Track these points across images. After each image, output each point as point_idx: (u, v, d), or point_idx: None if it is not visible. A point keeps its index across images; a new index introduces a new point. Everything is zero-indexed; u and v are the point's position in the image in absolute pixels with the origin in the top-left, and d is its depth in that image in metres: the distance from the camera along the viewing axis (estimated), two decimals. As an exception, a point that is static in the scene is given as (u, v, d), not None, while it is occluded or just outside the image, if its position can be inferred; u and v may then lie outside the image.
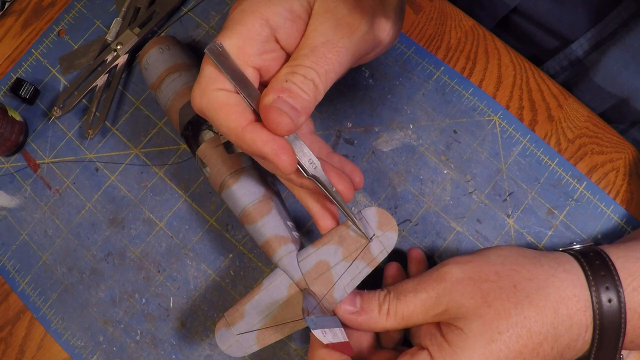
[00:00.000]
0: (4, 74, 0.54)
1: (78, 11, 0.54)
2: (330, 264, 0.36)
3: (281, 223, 0.38)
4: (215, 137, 0.40)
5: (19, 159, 0.52)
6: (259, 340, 0.37)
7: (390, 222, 0.37)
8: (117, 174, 0.50)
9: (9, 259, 0.50)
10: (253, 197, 0.38)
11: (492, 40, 0.48)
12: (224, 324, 0.37)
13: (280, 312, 0.37)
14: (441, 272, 0.34)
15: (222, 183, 0.39)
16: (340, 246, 0.37)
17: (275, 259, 0.37)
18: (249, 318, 0.37)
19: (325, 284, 0.36)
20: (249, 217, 0.38)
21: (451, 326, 0.33)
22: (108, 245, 0.49)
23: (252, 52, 0.31)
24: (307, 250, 0.37)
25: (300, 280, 0.36)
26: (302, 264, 0.37)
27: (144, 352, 0.46)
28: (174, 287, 0.47)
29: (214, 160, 0.40)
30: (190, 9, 0.52)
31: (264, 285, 0.37)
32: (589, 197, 0.44)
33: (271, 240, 0.37)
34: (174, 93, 0.42)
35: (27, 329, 0.48)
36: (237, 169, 0.39)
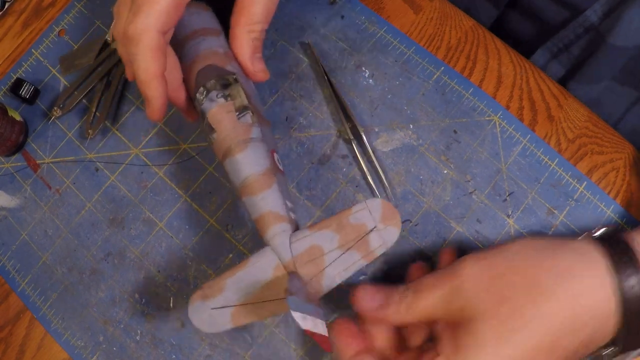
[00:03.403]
0: (4, 74, 0.54)
1: (78, 11, 0.54)
2: (324, 250, 0.35)
3: (280, 201, 0.37)
4: (228, 103, 0.38)
5: (19, 159, 0.52)
6: (234, 319, 0.35)
7: (394, 217, 0.35)
8: (117, 174, 0.50)
9: (9, 259, 0.50)
10: (257, 169, 0.37)
11: (492, 40, 0.48)
12: (200, 295, 0.36)
13: (261, 292, 0.35)
14: (458, 268, 0.34)
15: (227, 149, 0.38)
16: (338, 233, 0.35)
17: (268, 237, 0.36)
18: (227, 293, 0.35)
19: (314, 270, 0.35)
20: (249, 188, 0.37)
21: (466, 328, 0.32)
22: (108, 245, 0.49)
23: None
24: (302, 232, 0.36)
25: (289, 262, 0.35)
26: (294, 246, 0.35)
27: (144, 352, 0.46)
28: (174, 287, 0.47)
29: (223, 125, 0.38)
30: (190, 9, 0.52)
31: (249, 261, 0.36)
32: (589, 197, 0.44)
33: (267, 215, 0.36)
34: (196, 54, 0.41)
35: (27, 329, 0.48)
36: (245, 138, 0.38)
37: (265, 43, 0.50)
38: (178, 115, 0.50)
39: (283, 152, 0.48)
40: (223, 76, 0.38)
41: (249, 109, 0.38)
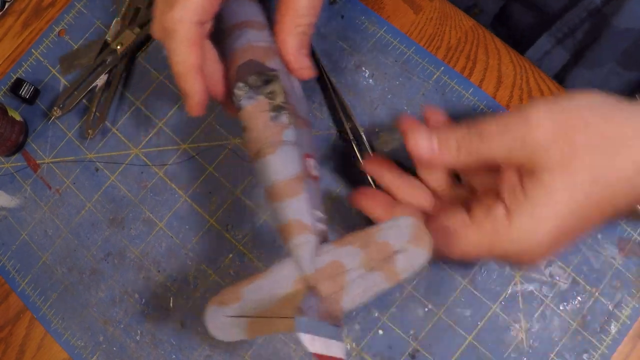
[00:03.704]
0: (4, 74, 0.54)
1: (78, 11, 0.54)
2: (346, 267, 0.33)
3: (307, 210, 0.34)
4: (263, 102, 0.37)
5: (19, 159, 0.52)
6: (250, 330, 0.33)
7: (424, 239, 0.32)
8: (117, 174, 0.50)
9: (9, 259, 0.50)
10: (286, 173, 0.35)
11: (492, 40, 0.48)
12: (217, 301, 0.34)
13: (279, 305, 0.34)
14: (529, 116, 0.32)
15: (259, 150, 0.36)
16: (362, 250, 0.33)
17: (290, 246, 0.34)
18: (244, 303, 0.34)
19: (334, 288, 0.33)
20: (276, 193, 0.35)
21: (533, 177, 0.32)
22: (108, 245, 0.49)
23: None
24: (326, 246, 0.34)
25: (310, 276, 0.33)
26: (317, 260, 0.33)
27: (144, 352, 0.46)
28: (174, 287, 0.47)
29: (255, 124, 0.36)
30: (190, 9, 0.52)
31: (270, 271, 0.34)
32: (589, 197, 0.44)
33: (291, 224, 0.34)
34: (238, 48, 0.39)
35: (27, 329, 0.48)
36: (277, 140, 0.36)
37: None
38: (178, 115, 0.50)
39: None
40: (263, 73, 0.37)
41: (286, 109, 0.37)
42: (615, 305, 0.42)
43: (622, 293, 0.42)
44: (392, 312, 0.44)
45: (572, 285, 0.43)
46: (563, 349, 0.42)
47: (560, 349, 0.42)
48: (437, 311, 0.44)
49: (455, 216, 0.34)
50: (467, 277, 0.44)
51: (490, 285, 0.44)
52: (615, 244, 0.43)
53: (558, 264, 0.43)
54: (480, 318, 0.43)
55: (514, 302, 0.43)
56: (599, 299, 0.43)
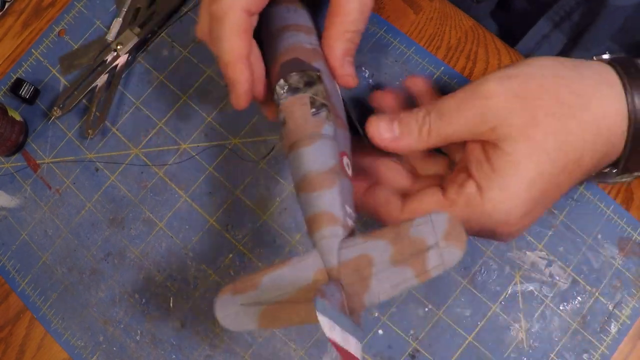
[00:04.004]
0: (4, 74, 0.54)
1: (78, 11, 0.54)
2: (374, 262, 0.31)
3: (339, 203, 0.33)
4: (304, 95, 0.36)
5: (19, 159, 0.52)
6: (261, 320, 0.32)
7: (460, 236, 0.30)
8: (117, 174, 0.50)
9: (9, 259, 0.50)
10: (321, 165, 0.34)
11: (492, 40, 0.48)
12: (231, 289, 0.33)
13: (296, 295, 0.32)
14: (485, 90, 0.32)
15: (295, 142, 0.35)
16: (393, 245, 0.31)
17: (316, 238, 0.32)
18: (260, 291, 0.32)
19: (359, 282, 0.31)
20: (308, 184, 0.33)
21: (497, 149, 0.32)
22: (108, 245, 0.49)
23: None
24: (353, 240, 0.32)
25: (333, 269, 0.32)
26: (343, 252, 0.32)
27: (144, 352, 0.46)
28: (174, 287, 0.47)
29: (295, 116, 0.35)
30: (190, 9, 0.52)
31: (291, 262, 0.33)
32: (589, 197, 0.44)
33: (321, 215, 0.32)
34: (283, 47, 0.39)
35: (27, 329, 0.48)
36: (315, 133, 0.35)
37: (265, 43, 0.50)
38: (178, 115, 0.50)
39: (283, 152, 0.48)
40: (306, 71, 0.36)
41: (327, 107, 0.36)
42: (615, 305, 0.42)
43: (622, 293, 0.42)
44: (392, 312, 0.44)
45: (572, 285, 0.43)
46: (563, 349, 0.42)
47: (560, 349, 0.42)
48: (437, 311, 0.44)
49: (431, 197, 0.35)
50: (467, 277, 0.44)
51: (490, 285, 0.44)
52: (615, 244, 0.43)
53: (558, 264, 0.43)
54: (480, 318, 0.43)
55: (514, 302, 0.43)
56: (599, 299, 0.43)
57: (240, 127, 0.49)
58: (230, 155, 0.49)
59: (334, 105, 0.37)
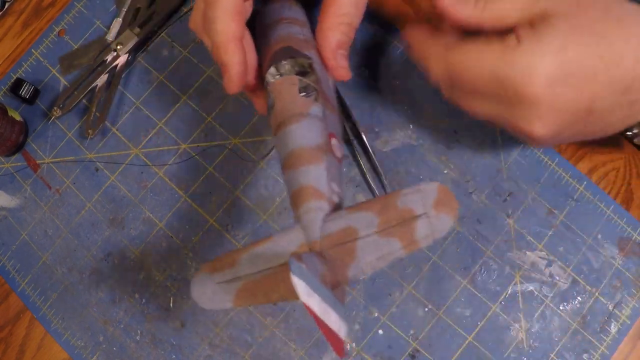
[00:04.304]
0: (4, 74, 0.54)
1: (78, 11, 0.54)
2: (359, 234, 0.30)
3: (325, 179, 0.32)
4: (293, 77, 0.35)
5: (19, 159, 0.52)
6: (237, 298, 0.31)
7: (450, 204, 0.30)
8: (117, 174, 0.50)
9: (9, 259, 0.50)
10: (307, 142, 0.33)
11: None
12: (209, 267, 0.32)
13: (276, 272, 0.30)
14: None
15: (282, 121, 0.34)
16: (379, 217, 0.30)
17: (300, 212, 0.31)
18: (238, 268, 0.31)
19: (343, 255, 0.30)
20: (294, 160, 0.33)
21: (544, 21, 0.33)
22: (108, 245, 0.49)
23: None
24: (338, 213, 0.31)
25: (315, 242, 0.30)
26: (326, 226, 0.31)
27: (144, 352, 0.46)
28: (174, 287, 0.47)
29: (283, 96, 0.35)
30: (190, 9, 0.52)
31: (272, 238, 0.32)
32: (589, 197, 0.44)
33: (305, 189, 0.31)
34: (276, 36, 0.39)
35: (27, 329, 0.48)
36: (303, 112, 0.34)
37: (265, 43, 0.50)
38: (178, 115, 0.50)
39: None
40: (298, 59, 0.36)
41: (316, 90, 0.35)
42: (615, 305, 0.42)
43: (622, 293, 0.43)
44: (392, 312, 0.44)
45: (572, 285, 0.43)
46: (563, 349, 0.42)
47: (560, 349, 0.42)
48: (437, 311, 0.44)
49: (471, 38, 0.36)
50: (467, 277, 0.44)
51: (490, 285, 0.44)
52: (616, 244, 0.43)
53: (558, 264, 0.43)
54: (480, 318, 0.43)
55: (514, 302, 0.43)
56: (599, 299, 0.43)
57: (240, 127, 0.49)
58: (230, 155, 0.49)
59: (324, 91, 0.36)
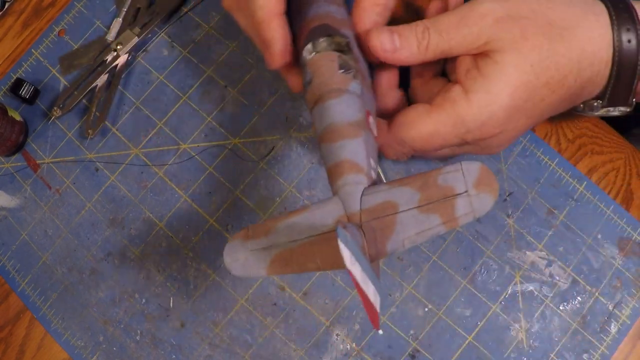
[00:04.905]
0: (4, 74, 0.54)
1: (78, 11, 0.54)
2: (399, 208, 0.30)
3: (363, 153, 0.32)
4: (333, 53, 0.35)
5: (19, 159, 0.52)
6: (271, 266, 0.31)
7: (492, 184, 0.29)
8: (117, 174, 0.50)
9: (9, 259, 0.50)
10: (346, 117, 0.33)
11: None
12: (242, 235, 0.32)
13: (314, 241, 0.30)
14: (482, 9, 0.35)
15: (320, 96, 0.34)
16: (420, 192, 0.30)
17: (338, 185, 0.31)
18: (273, 237, 0.31)
19: (382, 229, 0.30)
20: (331, 134, 0.32)
21: (487, 58, 0.35)
22: (108, 245, 0.49)
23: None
24: (377, 187, 0.31)
25: (355, 214, 0.30)
26: (366, 199, 0.30)
27: (144, 352, 0.46)
28: (174, 287, 0.47)
29: (321, 71, 0.35)
30: (190, 9, 0.52)
31: (310, 208, 0.31)
32: (589, 197, 0.44)
33: (344, 163, 0.31)
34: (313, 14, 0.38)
35: (27, 329, 0.48)
36: (342, 88, 0.34)
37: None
38: (178, 115, 0.50)
39: (283, 152, 0.48)
40: (335, 37, 0.36)
41: (354, 68, 0.35)
42: (615, 305, 0.42)
43: (622, 293, 0.42)
44: (392, 312, 0.44)
45: (572, 285, 0.43)
46: (563, 349, 0.42)
47: (560, 349, 0.42)
48: (437, 311, 0.44)
49: (417, 108, 0.37)
50: (467, 277, 0.44)
51: (490, 285, 0.44)
52: (615, 244, 0.43)
53: (558, 264, 0.43)
54: (480, 318, 0.43)
55: (514, 302, 0.43)
56: (599, 299, 0.43)
57: (240, 127, 0.49)
58: (230, 155, 0.49)
59: (362, 71, 0.36)
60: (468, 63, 0.36)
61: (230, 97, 0.50)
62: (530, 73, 0.34)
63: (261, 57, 0.50)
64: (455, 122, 0.35)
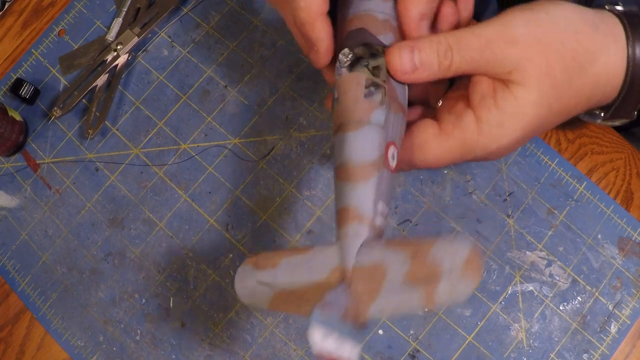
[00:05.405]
0: (4, 74, 0.54)
1: (78, 11, 0.54)
2: (386, 275, 0.31)
3: (371, 199, 0.32)
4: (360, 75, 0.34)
5: (19, 159, 0.52)
6: (272, 302, 0.32)
7: (477, 270, 0.29)
8: (117, 174, 0.50)
9: (9, 259, 0.50)
10: (361, 156, 0.33)
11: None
12: (253, 262, 0.33)
13: (308, 287, 0.32)
14: (512, 35, 0.33)
15: (341, 124, 0.34)
16: (410, 261, 0.30)
17: (340, 233, 0.32)
18: (277, 272, 0.32)
19: (368, 292, 0.31)
20: (344, 172, 0.33)
21: (506, 90, 0.33)
22: (108, 245, 0.49)
23: None
24: (375, 244, 0.32)
25: (348, 271, 0.31)
26: (361, 256, 0.31)
27: (144, 352, 0.46)
28: (174, 287, 0.47)
29: (346, 96, 0.34)
30: (190, 9, 0.52)
31: (312, 251, 0.32)
32: (589, 197, 0.44)
33: (349, 210, 0.32)
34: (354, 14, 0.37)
35: (27, 329, 0.48)
36: (363, 119, 0.33)
37: (265, 43, 0.50)
38: (178, 115, 0.50)
39: (283, 152, 0.48)
40: (372, 45, 0.35)
41: (383, 88, 0.34)
42: (615, 305, 0.42)
43: (622, 293, 0.42)
44: (392, 312, 0.44)
45: (572, 285, 0.43)
46: (563, 349, 0.42)
47: (560, 349, 0.42)
48: (437, 311, 0.44)
49: (427, 130, 0.36)
50: (467, 277, 0.44)
51: (490, 285, 0.44)
52: (615, 244, 0.43)
53: (558, 264, 0.43)
54: (480, 318, 0.43)
55: (514, 302, 0.43)
56: (599, 299, 0.43)
57: (240, 127, 0.49)
58: (230, 155, 0.49)
59: (393, 87, 0.35)
60: (485, 88, 0.34)
61: (230, 97, 0.50)
62: (546, 107, 0.33)
63: (261, 58, 0.50)
64: (463, 149, 0.34)
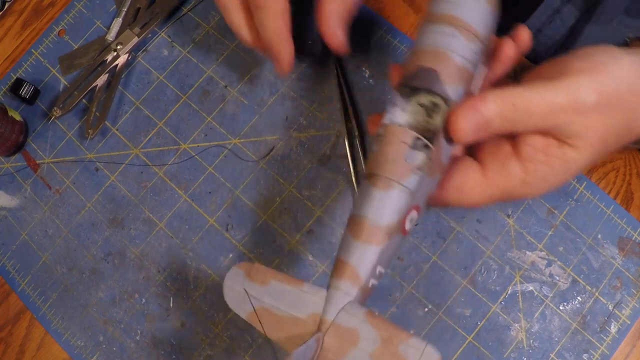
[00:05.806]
0: (4, 74, 0.54)
1: (78, 11, 0.54)
2: (358, 344, 0.32)
3: (372, 263, 0.33)
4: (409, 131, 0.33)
5: (19, 159, 0.52)
6: (252, 315, 0.34)
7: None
8: (117, 174, 0.50)
9: (9, 259, 0.50)
10: (379, 218, 0.33)
11: (492, 40, 0.48)
12: (247, 268, 0.34)
13: (287, 320, 0.33)
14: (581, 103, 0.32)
15: (373, 174, 0.33)
16: (381, 343, 0.31)
17: (332, 283, 0.33)
18: (265, 291, 0.34)
19: (337, 352, 0.32)
20: (356, 227, 0.33)
21: (559, 149, 0.33)
22: (108, 245, 0.49)
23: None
24: (357, 311, 0.32)
25: (326, 323, 0.32)
26: (342, 315, 0.32)
27: (144, 352, 0.46)
28: (174, 287, 0.47)
29: (389, 149, 0.33)
30: (190, 8, 0.52)
31: (302, 286, 0.33)
32: (589, 197, 0.44)
33: (347, 266, 0.33)
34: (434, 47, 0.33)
35: (27, 329, 0.48)
36: (397, 181, 0.33)
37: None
38: (178, 115, 0.50)
39: (283, 152, 0.48)
40: (437, 95, 0.33)
41: (428, 152, 0.33)
42: (615, 305, 0.42)
43: (622, 293, 0.43)
44: (392, 312, 0.44)
45: (572, 285, 0.43)
46: (563, 349, 0.42)
47: (560, 349, 0.42)
48: (437, 311, 0.44)
49: (467, 173, 0.35)
50: (467, 277, 0.44)
51: (490, 285, 0.44)
52: (615, 244, 0.43)
53: (558, 264, 0.43)
54: (480, 318, 0.43)
55: (514, 302, 0.43)
56: (599, 299, 0.43)
57: (240, 127, 0.49)
58: (230, 155, 0.49)
59: (441, 146, 0.33)
60: (537, 142, 0.33)
61: (230, 97, 0.50)
62: (591, 162, 0.34)
63: (261, 58, 0.50)
64: (504, 196, 0.34)
